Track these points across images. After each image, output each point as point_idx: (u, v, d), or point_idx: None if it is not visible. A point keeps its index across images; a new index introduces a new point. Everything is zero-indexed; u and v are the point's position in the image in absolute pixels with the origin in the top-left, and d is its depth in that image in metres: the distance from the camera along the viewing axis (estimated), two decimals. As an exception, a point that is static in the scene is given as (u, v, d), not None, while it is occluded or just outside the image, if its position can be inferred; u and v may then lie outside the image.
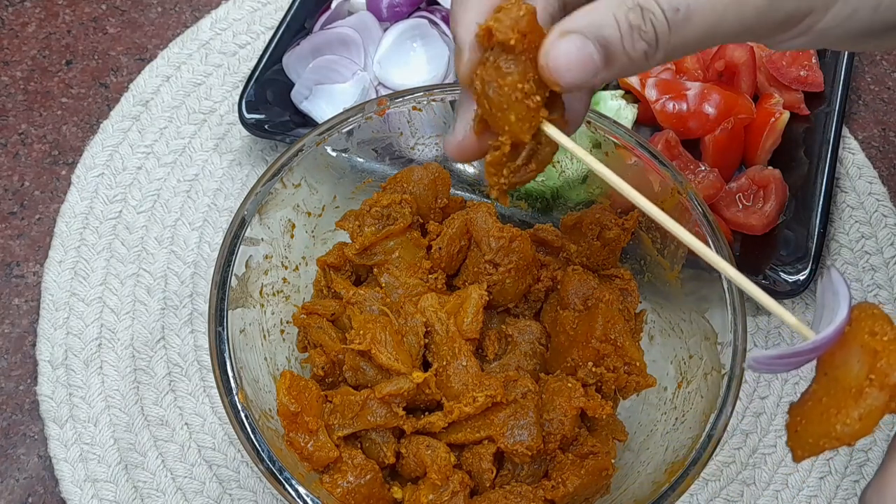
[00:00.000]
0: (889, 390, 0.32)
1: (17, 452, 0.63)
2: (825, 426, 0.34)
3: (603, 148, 0.57)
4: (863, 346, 0.33)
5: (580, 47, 0.34)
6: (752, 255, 0.68)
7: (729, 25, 0.34)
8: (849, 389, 0.33)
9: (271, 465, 0.46)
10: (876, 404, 0.33)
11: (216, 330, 0.49)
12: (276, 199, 0.54)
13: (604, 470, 0.50)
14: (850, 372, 0.34)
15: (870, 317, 0.34)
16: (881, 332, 0.33)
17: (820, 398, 0.34)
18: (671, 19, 0.33)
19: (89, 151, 0.74)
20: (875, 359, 0.33)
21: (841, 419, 0.33)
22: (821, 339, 0.33)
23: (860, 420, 0.33)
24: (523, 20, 0.35)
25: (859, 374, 0.33)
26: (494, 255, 0.54)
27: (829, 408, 0.34)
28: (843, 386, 0.34)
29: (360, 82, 0.73)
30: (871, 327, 0.34)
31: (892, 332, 0.33)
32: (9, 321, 0.67)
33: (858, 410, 0.33)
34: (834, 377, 0.34)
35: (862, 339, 0.34)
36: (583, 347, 0.52)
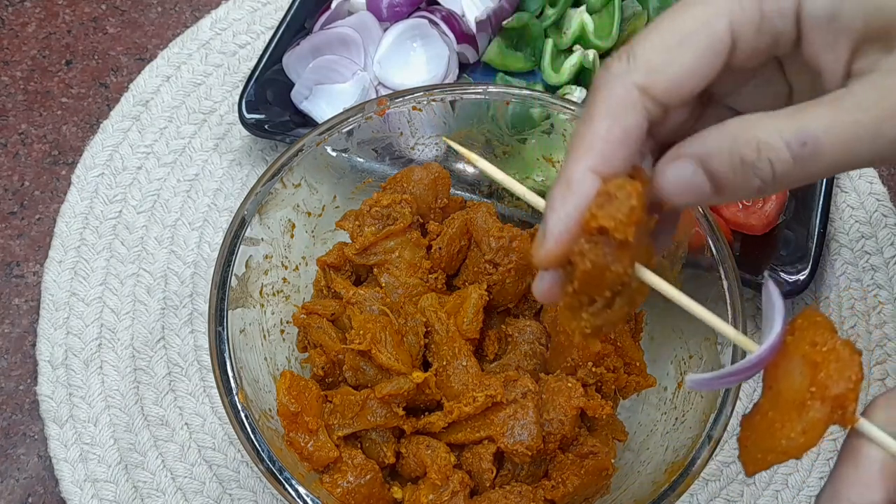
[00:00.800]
0: (830, 402, 0.32)
1: (17, 452, 0.63)
2: (771, 440, 0.33)
3: (603, 148, 0.57)
4: (804, 358, 0.33)
5: (691, 174, 0.33)
6: (752, 255, 0.68)
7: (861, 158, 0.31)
8: (792, 402, 0.33)
9: (271, 465, 0.46)
10: (818, 416, 0.32)
11: (216, 330, 0.49)
12: (276, 199, 0.54)
13: (604, 470, 0.50)
14: (792, 384, 0.33)
15: (812, 325, 0.34)
16: (821, 343, 0.33)
17: (766, 412, 0.34)
18: (796, 155, 0.31)
19: (89, 151, 0.74)
20: (815, 370, 0.33)
21: (785, 433, 0.33)
22: (755, 357, 0.33)
23: (804, 433, 0.32)
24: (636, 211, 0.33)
25: (801, 387, 0.33)
26: (494, 255, 0.54)
27: (774, 422, 0.33)
28: (786, 399, 0.33)
29: (360, 82, 0.73)
30: (813, 337, 0.33)
31: (832, 342, 0.33)
32: (9, 321, 0.67)
33: (802, 424, 0.32)
34: (777, 390, 0.34)
35: (803, 349, 0.33)
36: (583, 347, 0.52)
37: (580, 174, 0.33)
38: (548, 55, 0.76)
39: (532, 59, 0.77)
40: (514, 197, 0.64)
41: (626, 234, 0.32)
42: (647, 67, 0.33)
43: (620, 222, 0.32)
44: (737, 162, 0.32)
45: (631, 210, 0.32)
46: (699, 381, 0.34)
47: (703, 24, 0.33)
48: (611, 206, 0.32)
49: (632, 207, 0.32)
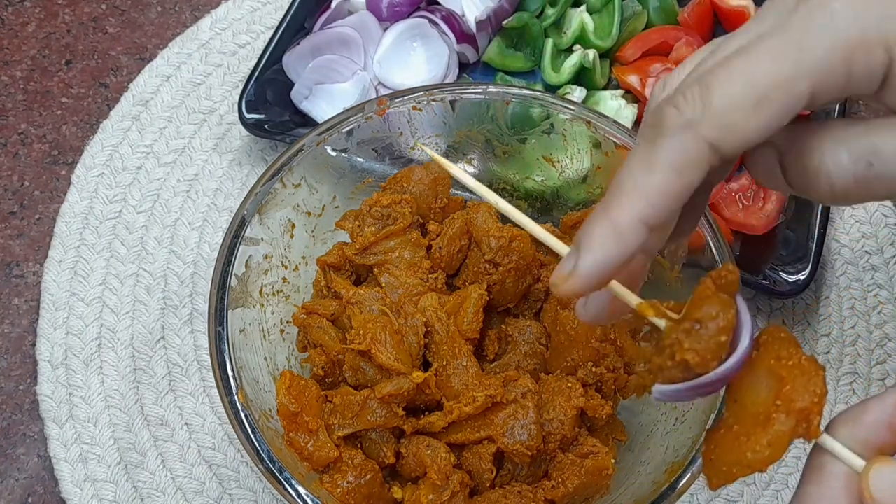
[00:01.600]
0: (795, 415, 0.32)
1: (16, 452, 0.63)
2: (736, 454, 0.34)
3: (603, 148, 0.57)
4: (769, 372, 0.33)
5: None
6: (752, 255, 0.68)
7: None
8: (757, 416, 0.33)
9: (271, 465, 0.46)
10: (783, 430, 0.32)
11: (216, 330, 0.49)
12: (275, 198, 0.54)
13: (604, 470, 0.50)
14: (757, 398, 0.33)
15: (777, 341, 0.34)
16: (786, 357, 0.33)
17: (731, 425, 0.34)
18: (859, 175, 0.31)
19: (89, 151, 0.74)
20: (781, 384, 0.33)
21: (750, 446, 0.33)
22: (722, 371, 0.33)
23: (769, 446, 0.33)
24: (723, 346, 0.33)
25: (766, 401, 0.33)
26: (494, 255, 0.54)
27: (739, 435, 0.34)
28: (751, 412, 0.34)
29: (360, 82, 0.73)
30: (778, 352, 0.33)
31: (797, 357, 0.33)
32: (9, 321, 0.67)
33: (767, 437, 0.33)
34: (742, 404, 0.34)
35: (768, 364, 0.33)
36: (583, 347, 0.52)
37: (631, 223, 0.32)
38: (548, 55, 0.75)
39: (532, 59, 0.77)
40: (515, 197, 0.64)
41: (709, 369, 0.32)
42: (721, 123, 0.31)
43: (704, 359, 0.32)
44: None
45: (718, 347, 0.32)
46: (666, 392, 0.34)
47: (784, 84, 0.30)
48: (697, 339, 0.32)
49: (719, 344, 0.32)
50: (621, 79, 0.75)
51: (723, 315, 0.32)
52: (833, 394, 0.67)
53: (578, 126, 0.57)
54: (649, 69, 0.75)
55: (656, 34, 0.77)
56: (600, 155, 0.58)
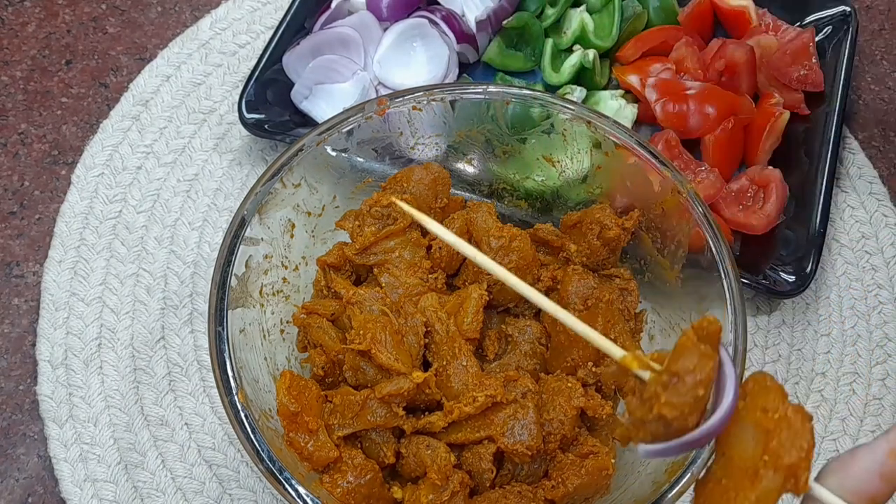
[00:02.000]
0: (784, 471, 0.32)
1: (16, 452, 0.63)
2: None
3: (603, 148, 0.57)
4: (755, 425, 0.33)
5: None
6: (752, 255, 0.68)
7: None
8: (745, 470, 0.33)
9: (271, 465, 0.46)
10: (772, 486, 0.32)
11: (216, 330, 0.49)
12: (275, 198, 0.54)
13: (604, 470, 0.50)
14: (745, 451, 0.33)
15: (763, 390, 0.34)
16: (772, 409, 0.33)
17: (720, 479, 0.34)
18: None
19: (89, 151, 0.74)
20: (768, 438, 0.33)
21: (739, 502, 0.33)
22: (707, 428, 0.33)
23: (757, 502, 0.32)
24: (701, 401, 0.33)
25: (754, 454, 0.33)
26: (494, 255, 0.54)
27: (727, 489, 0.33)
28: (739, 466, 0.33)
29: (360, 82, 0.73)
30: (764, 403, 0.33)
31: (783, 409, 0.33)
32: (9, 321, 0.67)
33: (755, 493, 0.32)
34: (730, 456, 0.34)
35: (755, 416, 0.33)
36: (583, 347, 0.52)
37: None
38: (548, 55, 0.75)
39: (532, 59, 0.77)
40: (515, 197, 0.64)
41: (687, 423, 0.33)
42: None
43: (682, 413, 0.33)
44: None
45: (696, 400, 0.32)
46: (651, 450, 0.34)
47: None
48: (675, 392, 0.33)
49: (696, 398, 0.32)
50: (621, 79, 0.75)
51: (700, 368, 0.32)
52: (833, 394, 0.67)
53: (578, 126, 0.57)
54: (649, 69, 0.75)
55: (656, 34, 0.77)
56: (600, 155, 0.58)
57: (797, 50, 0.74)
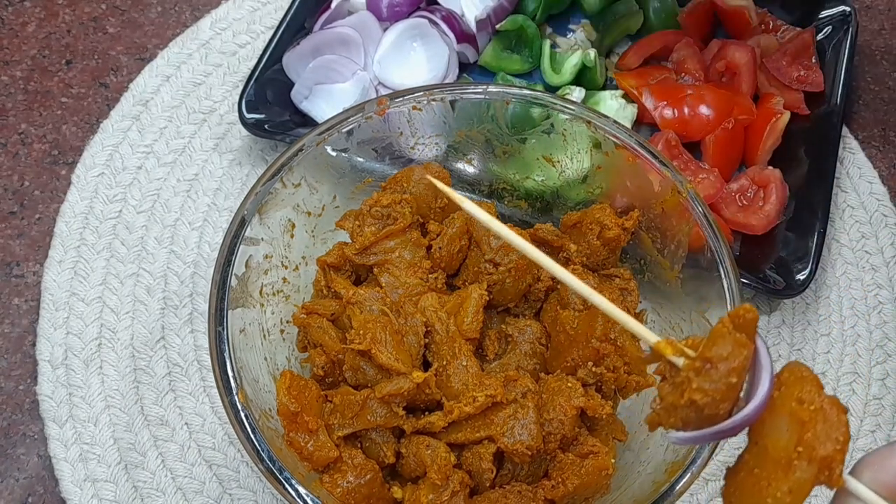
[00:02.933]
0: (818, 463, 0.32)
1: (17, 452, 0.63)
2: (756, 498, 0.33)
3: (603, 148, 0.57)
4: (790, 416, 0.33)
5: None
6: (752, 255, 0.68)
7: None
8: (778, 461, 0.33)
9: (271, 465, 0.46)
10: (805, 477, 0.32)
11: (216, 330, 0.49)
12: (276, 198, 0.54)
13: (604, 470, 0.50)
14: (779, 441, 0.33)
15: (798, 381, 0.33)
16: (808, 401, 0.33)
17: (752, 468, 0.34)
18: None
19: (89, 151, 0.74)
20: (803, 429, 0.33)
21: (771, 492, 0.33)
22: (742, 416, 0.33)
23: (790, 493, 0.32)
24: (735, 388, 0.33)
25: (788, 445, 0.33)
26: (494, 255, 0.54)
27: (760, 479, 0.33)
28: (772, 456, 0.33)
29: (360, 82, 0.73)
30: (799, 394, 0.33)
31: (819, 401, 0.33)
32: (9, 321, 0.67)
33: (788, 484, 0.32)
34: (763, 446, 0.34)
35: (790, 406, 0.33)
36: (583, 347, 0.52)
37: None
38: (546, 56, 0.75)
39: (530, 61, 0.77)
40: (515, 197, 0.64)
41: (719, 410, 0.32)
42: None
43: (714, 400, 0.32)
44: None
45: (728, 388, 0.32)
46: (682, 437, 0.34)
47: None
48: (707, 379, 0.32)
49: (729, 386, 0.32)
50: (621, 83, 0.75)
51: (734, 356, 0.32)
52: (833, 393, 0.67)
53: (578, 126, 0.57)
54: (649, 76, 0.75)
55: (656, 40, 0.77)
56: (600, 155, 0.58)
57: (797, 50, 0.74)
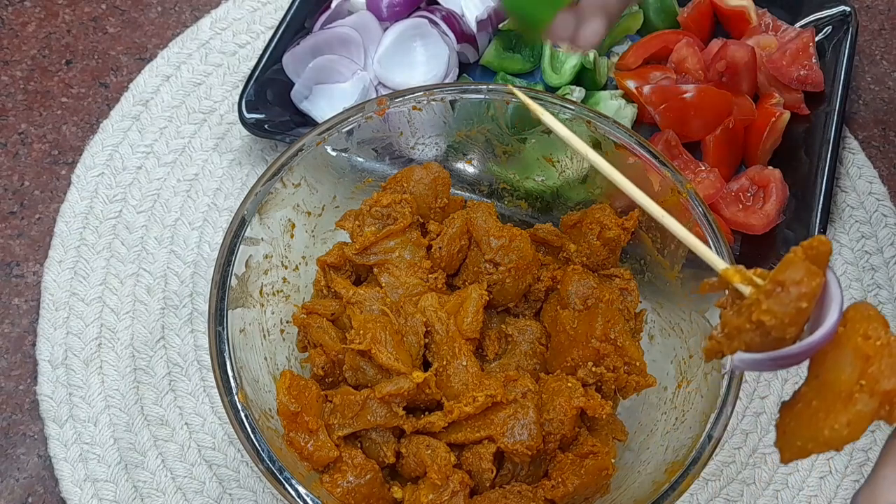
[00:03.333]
0: (879, 397, 0.32)
1: (16, 452, 0.63)
2: (813, 430, 0.33)
3: (603, 148, 0.57)
4: (855, 350, 0.33)
5: None
6: (752, 255, 0.68)
7: None
8: (839, 393, 0.33)
9: (271, 465, 0.46)
10: (865, 410, 0.32)
11: (216, 330, 0.49)
12: (276, 198, 0.54)
13: (604, 470, 0.50)
14: (841, 375, 0.33)
15: (865, 318, 0.33)
16: (875, 336, 0.32)
17: (810, 401, 0.34)
18: None
19: (89, 151, 0.74)
20: (867, 364, 0.32)
21: (829, 424, 0.32)
22: (808, 343, 0.33)
23: (848, 426, 0.32)
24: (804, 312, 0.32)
25: (850, 379, 0.32)
26: (494, 255, 0.54)
27: (818, 411, 0.33)
28: (833, 390, 0.33)
29: (360, 82, 0.73)
30: (865, 330, 0.33)
31: (886, 337, 0.32)
32: (9, 321, 0.67)
33: (847, 416, 0.32)
34: (825, 380, 0.33)
35: (855, 342, 0.33)
36: (583, 347, 0.52)
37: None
38: (546, 56, 0.75)
39: (531, 60, 0.77)
40: (515, 197, 0.64)
41: (786, 334, 0.32)
42: None
43: (781, 323, 0.32)
44: None
45: (798, 312, 0.32)
46: (746, 360, 0.33)
47: None
48: (777, 301, 0.32)
49: (799, 310, 0.32)
50: (621, 84, 0.75)
51: (806, 281, 0.32)
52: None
53: (578, 126, 0.57)
54: (649, 76, 0.75)
55: (656, 40, 0.77)
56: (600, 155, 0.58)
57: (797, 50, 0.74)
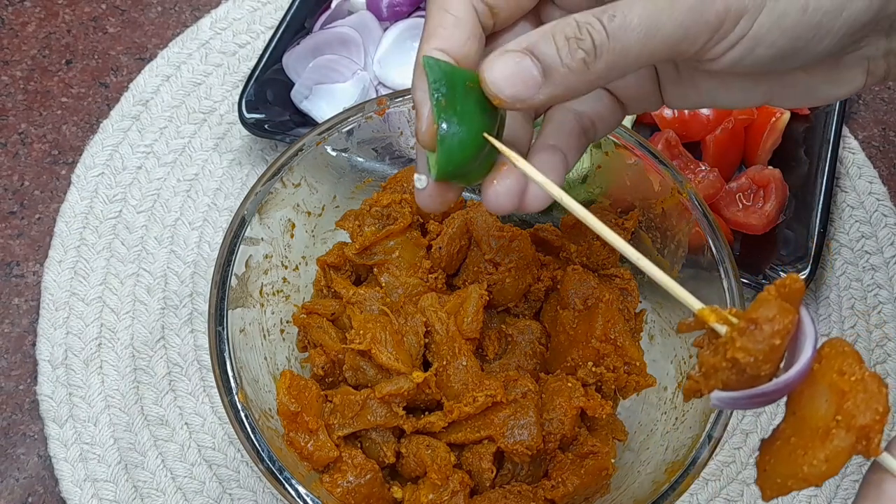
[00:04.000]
0: (856, 432, 0.32)
1: (16, 452, 0.63)
2: (792, 466, 0.33)
3: (603, 148, 0.57)
4: (830, 386, 0.33)
5: (518, 62, 0.34)
6: (752, 255, 0.68)
7: (666, 30, 0.34)
8: (816, 430, 0.33)
9: (271, 465, 0.46)
10: (843, 446, 0.32)
11: (216, 329, 0.49)
12: (276, 198, 0.54)
13: (603, 470, 0.50)
14: (817, 411, 0.33)
15: (839, 354, 0.33)
16: (849, 372, 0.33)
17: (788, 437, 0.34)
18: (608, 26, 0.34)
19: (89, 151, 0.74)
20: (842, 399, 0.32)
21: (808, 460, 0.33)
22: (783, 380, 0.33)
23: (827, 461, 0.32)
24: (778, 350, 0.32)
25: (826, 415, 0.33)
26: (494, 255, 0.54)
27: (796, 448, 0.33)
28: (810, 426, 0.33)
29: (360, 82, 0.73)
30: (840, 366, 0.33)
31: (860, 372, 0.33)
32: (9, 321, 0.67)
33: (825, 452, 0.32)
34: (801, 416, 0.34)
35: (830, 378, 0.33)
36: (583, 347, 0.52)
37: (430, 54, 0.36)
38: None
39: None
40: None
41: (761, 371, 0.32)
42: None
43: (756, 360, 0.32)
44: (562, 39, 0.34)
45: (772, 349, 0.32)
46: (724, 399, 0.34)
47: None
48: (751, 338, 0.32)
49: (773, 347, 0.32)
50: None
51: (779, 318, 0.32)
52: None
53: (578, 126, 0.57)
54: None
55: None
56: (600, 155, 0.58)
57: (797, 50, 0.74)
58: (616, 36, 0.34)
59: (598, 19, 0.34)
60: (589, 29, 0.34)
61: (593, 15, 0.34)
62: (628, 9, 0.34)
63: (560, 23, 0.34)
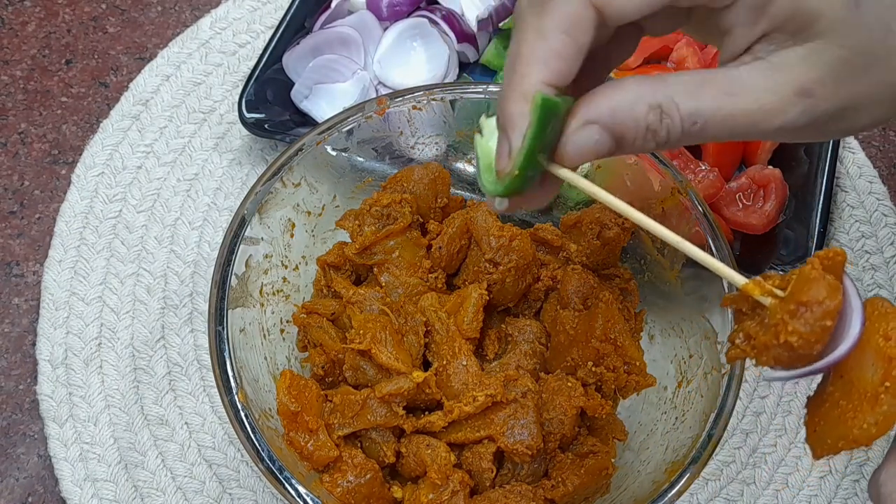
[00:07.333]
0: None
1: (16, 452, 0.63)
2: (843, 429, 0.34)
3: (603, 147, 0.57)
4: (877, 352, 0.34)
5: (597, 139, 0.35)
6: (752, 255, 0.68)
7: (738, 136, 0.36)
8: (864, 394, 0.34)
9: (271, 465, 0.46)
10: (892, 411, 0.33)
11: (216, 329, 0.49)
12: (276, 198, 0.54)
13: (604, 469, 0.50)
14: (864, 376, 0.34)
15: (882, 316, 0.34)
16: (895, 337, 0.34)
17: (837, 401, 0.35)
18: (686, 130, 0.35)
19: (89, 151, 0.74)
20: (890, 365, 0.33)
21: (858, 423, 0.34)
22: (835, 357, 0.34)
23: (876, 425, 0.33)
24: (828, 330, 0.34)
25: (874, 380, 0.34)
26: (494, 255, 0.54)
27: (846, 411, 0.34)
28: (858, 390, 0.34)
29: (359, 82, 0.73)
30: (885, 330, 0.34)
31: None
32: (9, 321, 0.67)
33: (874, 416, 0.33)
34: (849, 379, 0.35)
35: (876, 343, 0.34)
36: (583, 347, 0.52)
37: (536, 88, 0.34)
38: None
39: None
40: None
41: (812, 351, 0.33)
42: None
43: (808, 342, 0.33)
44: (642, 128, 0.35)
45: (823, 330, 0.33)
46: (777, 376, 0.35)
47: None
48: (803, 322, 0.33)
49: (824, 328, 0.33)
50: (620, 80, 0.75)
51: (830, 299, 0.33)
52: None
53: (578, 126, 0.57)
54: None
55: (656, 40, 0.77)
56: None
57: (797, 49, 0.74)
58: (689, 137, 0.35)
59: (680, 117, 0.34)
60: (669, 125, 0.34)
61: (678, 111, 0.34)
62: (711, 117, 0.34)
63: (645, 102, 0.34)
